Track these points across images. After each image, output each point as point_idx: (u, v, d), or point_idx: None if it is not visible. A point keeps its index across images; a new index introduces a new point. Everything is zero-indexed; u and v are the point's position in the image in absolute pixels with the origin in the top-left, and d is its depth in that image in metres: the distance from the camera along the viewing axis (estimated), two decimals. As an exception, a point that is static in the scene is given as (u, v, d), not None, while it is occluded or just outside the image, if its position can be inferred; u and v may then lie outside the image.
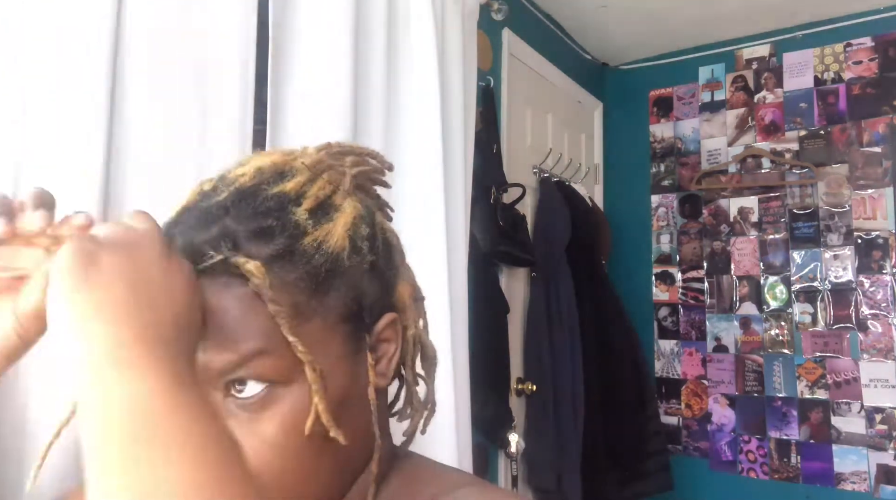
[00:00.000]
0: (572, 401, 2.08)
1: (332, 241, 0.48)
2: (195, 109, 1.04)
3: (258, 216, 0.47)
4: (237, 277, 0.44)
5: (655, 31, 2.60)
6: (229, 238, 0.46)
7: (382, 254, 0.53)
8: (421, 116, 1.44)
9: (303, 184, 0.50)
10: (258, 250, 0.46)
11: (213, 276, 0.45)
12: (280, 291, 0.45)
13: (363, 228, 0.51)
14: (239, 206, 0.48)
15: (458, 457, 1.41)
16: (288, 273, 0.46)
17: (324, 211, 0.49)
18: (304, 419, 0.45)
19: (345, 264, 0.48)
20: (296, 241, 0.47)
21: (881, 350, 2.27)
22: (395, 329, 0.53)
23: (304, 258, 0.47)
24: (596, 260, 2.42)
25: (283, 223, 0.47)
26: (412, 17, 1.46)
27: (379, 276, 0.52)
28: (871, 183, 2.35)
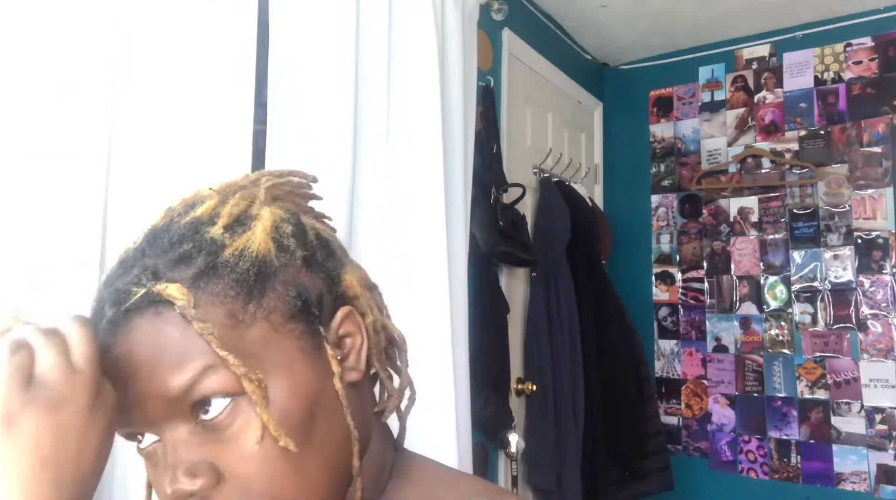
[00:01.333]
0: (572, 401, 2.08)
1: (253, 246, 0.48)
2: (195, 109, 1.04)
3: (174, 246, 0.48)
4: (166, 304, 0.45)
5: (655, 31, 2.60)
6: (149, 272, 0.46)
7: (318, 248, 0.53)
8: (421, 116, 1.44)
9: (214, 207, 0.50)
10: (181, 274, 0.46)
11: (143, 310, 0.45)
12: (211, 305, 0.45)
13: (286, 227, 0.51)
14: (154, 243, 0.49)
15: (458, 457, 1.41)
16: (214, 286, 0.46)
17: (240, 223, 0.50)
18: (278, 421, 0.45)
19: (274, 263, 0.48)
20: (216, 256, 0.47)
21: (881, 350, 2.27)
22: (353, 321, 0.53)
23: (228, 268, 0.47)
24: (596, 260, 2.42)
25: (199, 244, 0.47)
26: (412, 18, 1.46)
27: (319, 269, 0.52)
28: (871, 183, 2.35)
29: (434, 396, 1.37)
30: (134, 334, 0.45)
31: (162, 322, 0.45)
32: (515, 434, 1.97)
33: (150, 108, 0.99)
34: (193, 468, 0.45)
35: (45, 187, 0.87)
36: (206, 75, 1.05)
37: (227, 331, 0.45)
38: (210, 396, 0.45)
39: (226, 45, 1.08)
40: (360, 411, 0.52)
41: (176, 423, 0.46)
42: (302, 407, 0.47)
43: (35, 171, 0.87)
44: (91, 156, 0.90)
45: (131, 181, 0.96)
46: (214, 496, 0.45)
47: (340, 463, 0.50)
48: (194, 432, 0.46)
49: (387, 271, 1.34)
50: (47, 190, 0.87)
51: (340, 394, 0.49)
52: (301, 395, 0.47)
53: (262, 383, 0.45)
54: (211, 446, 0.45)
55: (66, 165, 0.88)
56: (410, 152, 1.43)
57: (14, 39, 0.86)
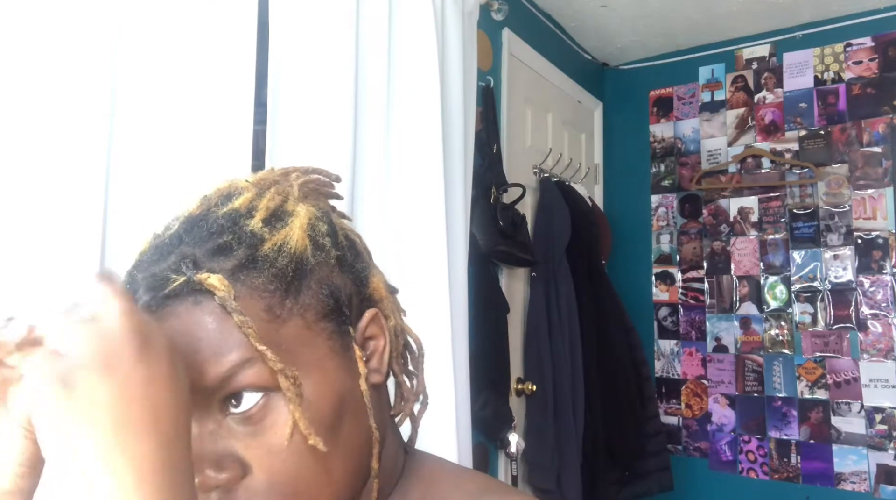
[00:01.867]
0: (572, 401, 2.08)
1: (292, 242, 0.48)
2: (195, 109, 1.04)
3: (213, 236, 0.47)
4: (205, 294, 0.44)
5: (655, 31, 2.60)
6: (189, 260, 0.46)
7: (348, 249, 0.53)
8: (421, 116, 1.44)
9: (251, 199, 0.50)
10: (220, 265, 0.46)
11: (181, 298, 0.45)
12: (250, 298, 0.45)
13: (322, 226, 0.51)
14: (192, 232, 0.48)
15: (458, 457, 1.41)
16: (254, 279, 0.46)
17: (277, 218, 0.50)
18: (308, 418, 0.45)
19: (310, 261, 0.49)
20: (255, 249, 0.47)
21: (881, 350, 2.27)
22: (379, 324, 0.53)
23: (268, 263, 0.47)
24: (596, 260, 2.42)
25: (238, 236, 0.47)
26: (412, 17, 1.46)
27: (349, 269, 0.52)
28: (871, 183, 2.35)
29: (434, 396, 1.37)
30: (171, 322, 0.44)
31: (200, 312, 0.44)
32: (515, 434, 1.97)
33: (151, 108, 0.99)
34: (220, 460, 0.45)
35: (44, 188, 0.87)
36: (206, 75, 1.05)
37: (264, 325, 0.45)
38: (245, 389, 0.44)
39: (226, 45, 1.08)
40: (380, 413, 0.53)
41: (205, 414, 0.45)
42: (332, 406, 0.47)
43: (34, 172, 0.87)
44: (91, 156, 0.90)
45: (131, 182, 0.96)
46: (239, 489, 0.45)
47: (361, 463, 0.50)
48: (222, 424, 0.45)
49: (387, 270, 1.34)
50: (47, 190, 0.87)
51: (365, 395, 0.49)
52: (331, 394, 0.47)
53: (297, 381, 0.45)
54: (239, 439, 0.45)
55: (65, 165, 0.88)
56: (410, 152, 1.43)
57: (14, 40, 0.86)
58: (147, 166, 0.98)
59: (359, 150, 1.31)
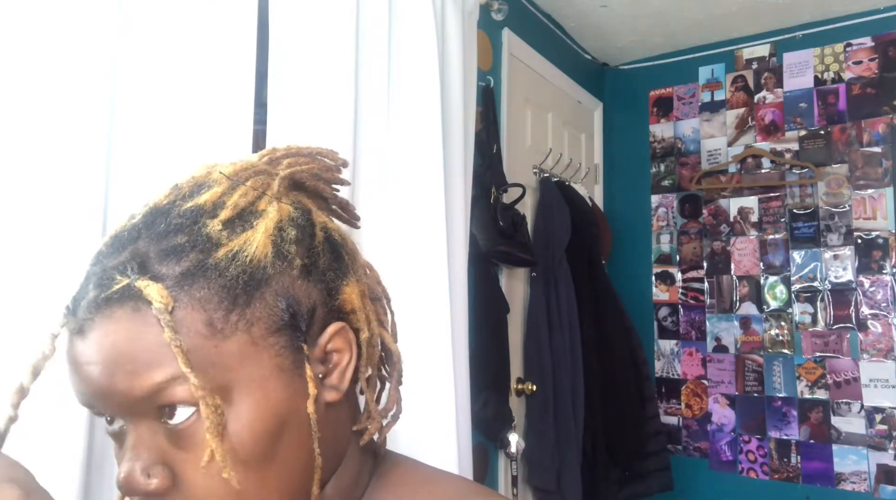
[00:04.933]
0: (572, 401, 2.08)
1: (250, 249, 0.45)
2: (195, 109, 1.04)
3: (168, 235, 0.45)
4: (146, 302, 0.43)
5: (655, 31, 2.60)
6: (138, 261, 0.44)
7: (322, 254, 0.50)
8: (421, 117, 1.44)
9: (220, 194, 0.48)
10: (169, 269, 0.44)
11: (122, 302, 0.43)
12: (192, 309, 0.43)
13: (290, 231, 0.48)
14: (151, 226, 0.46)
15: (458, 457, 1.41)
16: (199, 289, 0.44)
17: (243, 219, 0.47)
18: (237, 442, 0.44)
19: (268, 271, 0.46)
20: (207, 255, 0.45)
21: (881, 350, 2.27)
22: (344, 338, 0.50)
23: (217, 272, 0.44)
24: (596, 260, 2.42)
25: (193, 239, 0.45)
26: (412, 17, 1.46)
27: (317, 278, 0.49)
28: (871, 183, 2.35)
29: (434, 396, 1.37)
30: (109, 325, 0.43)
31: (139, 320, 0.43)
32: (515, 434, 1.97)
33: (151, 108, 0.99)
34: (150, 468, 0.44)
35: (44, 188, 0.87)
36: (207, 75, 1.05)
37: (201, 340, 0.43)
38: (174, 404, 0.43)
39: (226, 45, 1.08)
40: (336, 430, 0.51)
41: (140, 419, 0.45)
42: (267, 428, 0.45)
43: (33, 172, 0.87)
44: (91, 156, 0.90)
45: (131, 182, 0.96)
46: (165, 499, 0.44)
47: (301, 485, 0.48)
48: (157, 431, 0.45)
49: (387, 271, 1.34)
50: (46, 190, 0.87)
51: (312, 419, 0.47)
52: (270, 416, 0.45)
53: (219, 409, 0.43)
54: (170, 449, 0.44)
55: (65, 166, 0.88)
56: (410, 152, 1.43)
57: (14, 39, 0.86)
58: (147, 167, 0.97)
59: (359, 149, 1.31)
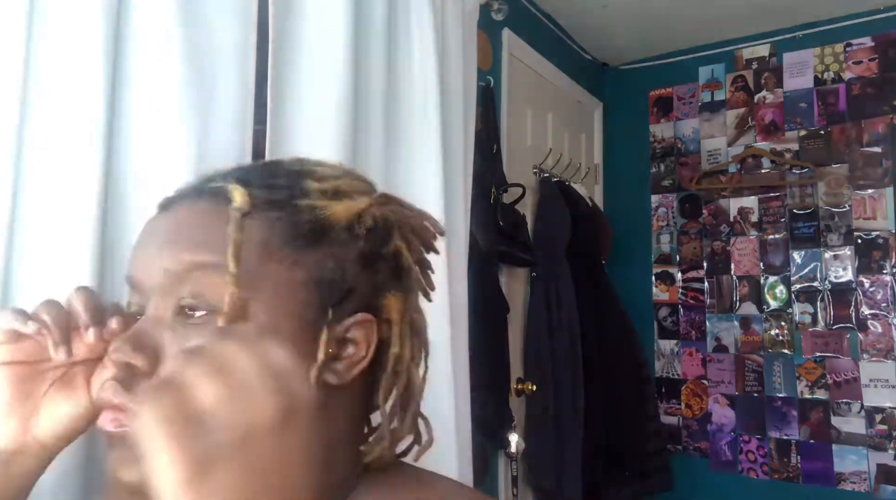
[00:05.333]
0: (572, 401, 2.08)
1: (328, 211, 0.49)
2: (195, 109, 1.04)
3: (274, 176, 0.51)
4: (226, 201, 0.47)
5: (655, 31, 2.60)
6: (241, 179, 0.50)
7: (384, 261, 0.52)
8: (421, 116, 1.44)
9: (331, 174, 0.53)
10: (260, 194, 0.48)
11: (206, 196, 0.49)
12: (257, 225, 0.47)
13: (368, 221, 0.51)
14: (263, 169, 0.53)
15: (458, 458, 1.41)
16: (273, 215, 0.48)
17: (338, 197, 0.51)
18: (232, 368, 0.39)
19: (332, 235, 0.49)
20: (294, 198, 0.49)
21: (881, 350, 2.27)
22: (365, 332, 0.50)
23: (294, 211, 0.49)
24: (596, 260, 2.42)
25: (291, 185, 0.50)
26: (412, 17, 1.46)
27: (369, 272, 0.51)
28: (871, 183, 2.35)
29: (434, 396, 1.37)
30: (190, 209, 0.49)
31: (215, 212, 0.47)
32: (515, 434, 1.97)
33: (150, 108, 0.99)
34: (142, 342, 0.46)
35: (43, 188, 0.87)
36: (207, 75, 1.05)
37: (253, 252, 0.46)
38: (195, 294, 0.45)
39: (226, 45, 1.08)
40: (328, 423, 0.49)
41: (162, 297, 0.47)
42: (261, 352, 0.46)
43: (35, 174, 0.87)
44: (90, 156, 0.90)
45: (131, 183, 0.96)
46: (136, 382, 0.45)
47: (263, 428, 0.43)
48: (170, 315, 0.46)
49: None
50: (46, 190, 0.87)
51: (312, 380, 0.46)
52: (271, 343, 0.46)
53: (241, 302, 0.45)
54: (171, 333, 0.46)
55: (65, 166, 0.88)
56: (410, 153, 1.43)
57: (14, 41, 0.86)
58: (146, 167, 0.97)
59: (358, 150, 1.31)
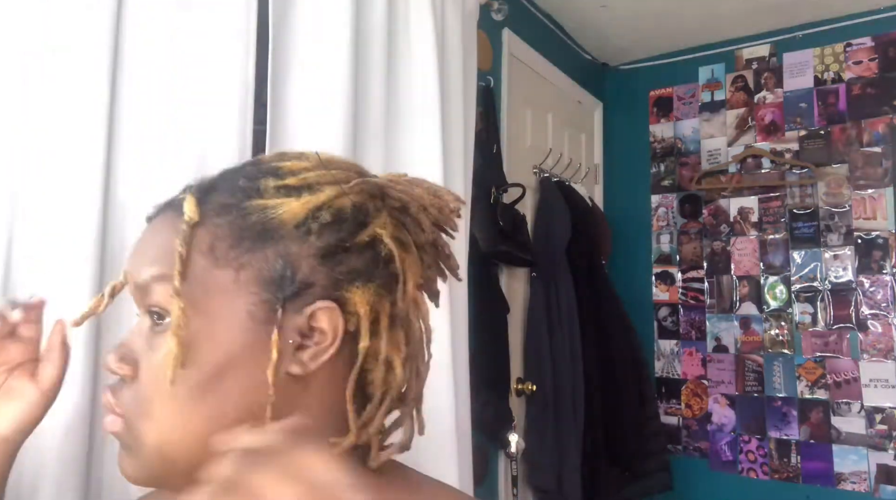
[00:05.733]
0: (572, 401, 2.08)
1: (279, 211, 0.50)
2: (195, 109, 1.04)
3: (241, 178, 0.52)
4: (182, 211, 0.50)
5: (655, 31, 2.60)
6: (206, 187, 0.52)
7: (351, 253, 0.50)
8: (421, 117, 1.44)
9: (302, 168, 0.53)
10: (217, 199, 0.50)
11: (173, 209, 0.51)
12: (206, 231, 0.49)
13: (326, 216, 0.50)
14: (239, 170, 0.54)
15: (458, 458, 1.41)
16: (222, 221, 0.49)
17: (298, 191, 0.51)
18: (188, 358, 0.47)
19: (282, 233, 0.49)
20: (246, 199, 0.50)
21: (881, 350, 2.27)
22: (331, 321, 0.49)
23: (242, 213, 0.49)
24: (596, 260, 2.42)
25: (249, 186, 0.51)
26: (412, 17, 1.46)
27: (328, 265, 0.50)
28: (871, 183, 2.35)
29: (434, 396, 1.37)
30: (157, 222, 0.52)
31: (171, 221, 0.50)
32: (515, 434, 1.97)
33: (150, 108, 0.99)
34: (125, 355, 0.50)
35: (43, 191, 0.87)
36: (206, 75, 1.05)
37: (200, 258, 0.48)
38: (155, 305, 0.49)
39: (226, 44, 1.08)
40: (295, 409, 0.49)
41: (142, 312, 0.51)
42: (216, 359, 0.47)
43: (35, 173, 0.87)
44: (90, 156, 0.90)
45: (131, 182, 0.96)
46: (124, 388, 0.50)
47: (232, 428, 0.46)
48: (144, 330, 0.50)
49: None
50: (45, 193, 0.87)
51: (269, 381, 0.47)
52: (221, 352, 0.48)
53: (186, 312, 0.46)
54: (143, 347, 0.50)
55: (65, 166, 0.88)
56: (410, 153, 1.43)
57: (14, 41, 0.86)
58: (146, 167, 0.97)
59: (358, 150, 1.31)
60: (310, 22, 1.23)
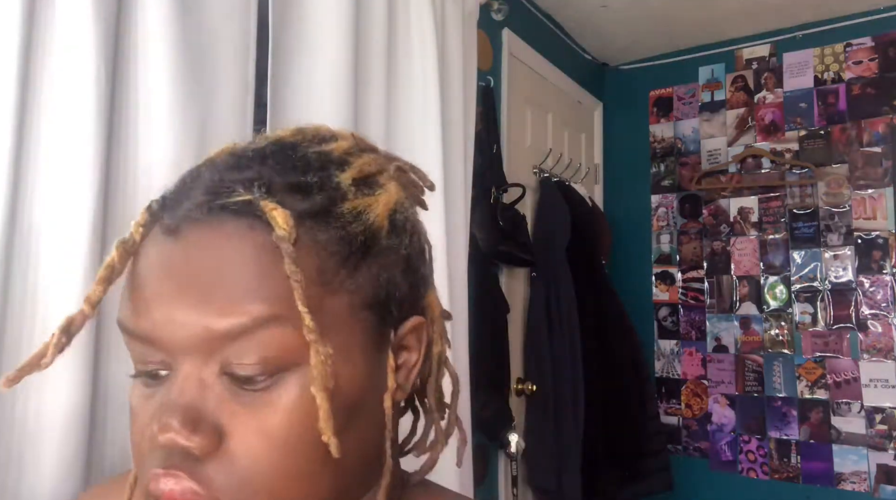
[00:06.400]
0: (572, 401, 2.08)
1: (372, 214, 0.42)
2: (195, 109, 1.04)
3: (297, 170, 0.42)
4: (264, 224, 0.38)
5: (655, 31, 2.60)
6: (264, 182, 0.40)
7: (417, 252, 0.47)
8: (421, 117, 1.44)
9: (348, 150, 0.46)
10: (293, 203, 0.40)
11: (237, 216, 0.38)
12: (307, 250, 0.39)
13: (401, 216, 0.46)
14: (278, 155, 0.43)
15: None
16: (320, 232, 0.40)
17: (367, 185, 0.44)
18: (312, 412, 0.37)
19: (381, 242, 0.43)
20: (334, 203, 0.41)
21: (881, 350, 2.27)
22: (418, 337, 0.46)
23: (341, 222, 0.41)
24: (596, 260, 2.42)
25: (322, 182, 0.42)
26: (412, 17, 1.46)
27: (412, 272, 0.46)
28: (871, 183, 2.35)
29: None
30: (217, 235, 0.38)
31: (251, 241, 0.38)
32: (515, 434, 1.97)
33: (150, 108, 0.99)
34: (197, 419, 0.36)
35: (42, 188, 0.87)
36: (206, 75, 1.05)
37: (310, 287, 0.38)
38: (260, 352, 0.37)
39: (226, 44, 1.08)
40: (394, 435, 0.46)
41: (202, 359, 0.37)
42: (345, 407, 0.40)
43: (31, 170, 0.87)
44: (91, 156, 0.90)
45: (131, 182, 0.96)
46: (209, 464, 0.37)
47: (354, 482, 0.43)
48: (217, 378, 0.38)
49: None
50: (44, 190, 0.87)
51: (387, 415, 0.43)
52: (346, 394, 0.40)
53: (329, 359, 0.37)
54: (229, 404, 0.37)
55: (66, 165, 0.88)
56: (410, 153, 1.42)
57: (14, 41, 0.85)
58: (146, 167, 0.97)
59: (359, 150, 1.31)
60: (310, 22, 1.23)
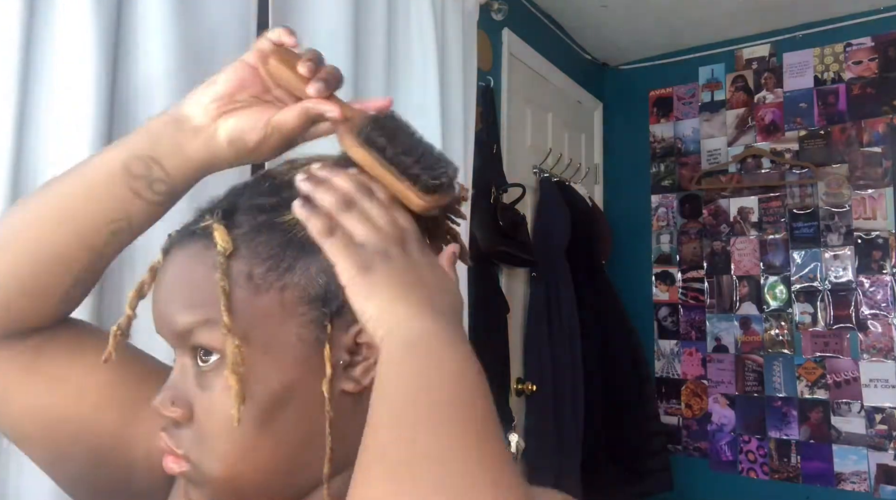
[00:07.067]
0: (572, 401, 2.08)
1: None
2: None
3: (262, 194, 0.50)
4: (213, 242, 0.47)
5: (655, 31, 2.60)
6: (226, 208, 0.48)
7: None
8: (421, 117, 1.44)
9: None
10: (246, 221, 0.48)
11: (196, 238, 0.48)
12: (242, 259, 0.47)
13: None
14: (253, 184, 0.51)
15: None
16: (257, 242, 0.47)
17: None
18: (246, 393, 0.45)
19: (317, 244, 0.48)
20: (277, 216, 0.48)
21: (881, 350, 2.27)
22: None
23: (284, 228, 0.48)
24: (596, 260, 2.42)
25: (277, 202, 0.49)
26: (412, 18, 1.46)
27: None
28: (871, 183, 2.35)
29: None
30: (181, 255, 0.48)
31: (202, 258, 0.47)
32: (515, 434, 1.97)
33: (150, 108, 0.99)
34: (177, 396, 0.48)
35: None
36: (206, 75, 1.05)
37: (239, 291, 0.46)
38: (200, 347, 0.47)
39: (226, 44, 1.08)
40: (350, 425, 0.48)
41: (183, 353, 0.48)
42: (272, 392, 0.46)
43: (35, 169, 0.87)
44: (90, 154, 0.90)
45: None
46: (182, 432, 0.48)
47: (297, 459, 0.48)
48: (192, 367, 0.48)
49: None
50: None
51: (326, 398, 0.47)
52: (277, 382, 0.46)
53: (241, 350, 0.45)
54: (194, 387, 0.48)
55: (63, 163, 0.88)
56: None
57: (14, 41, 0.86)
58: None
59: (359, 150, 1.31)
60: (310, 22, 1.24)
